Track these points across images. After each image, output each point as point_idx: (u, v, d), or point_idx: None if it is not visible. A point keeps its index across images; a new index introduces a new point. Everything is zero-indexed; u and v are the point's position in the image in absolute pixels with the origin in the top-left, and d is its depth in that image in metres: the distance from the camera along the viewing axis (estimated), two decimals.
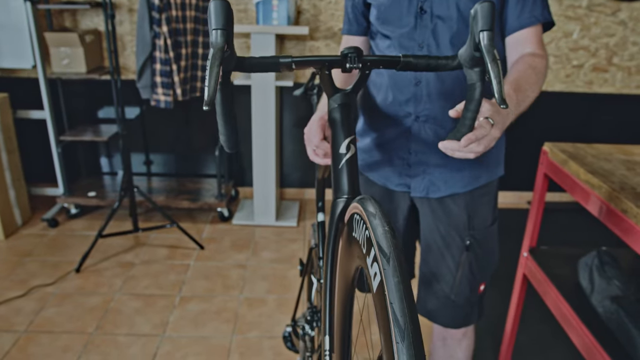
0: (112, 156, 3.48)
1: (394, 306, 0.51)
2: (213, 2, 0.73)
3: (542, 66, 1.09)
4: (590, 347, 1.36)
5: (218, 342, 2.11)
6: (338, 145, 0.87)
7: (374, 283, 0.56)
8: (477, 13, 0.75)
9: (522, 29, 1.12)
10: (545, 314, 2.20)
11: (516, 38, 1.14)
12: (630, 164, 1.50)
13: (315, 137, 1.08)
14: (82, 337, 2.10)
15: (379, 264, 0.55)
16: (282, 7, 2.77)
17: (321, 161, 1.10)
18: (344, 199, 0.84)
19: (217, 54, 0.71)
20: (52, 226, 3.03)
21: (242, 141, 3.39)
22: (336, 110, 0.90)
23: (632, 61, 3.32)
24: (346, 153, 0.86)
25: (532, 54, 1.11)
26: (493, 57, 0.74)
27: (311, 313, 1.50)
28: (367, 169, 1.34)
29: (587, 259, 1.62)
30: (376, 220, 0.61)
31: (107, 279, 2.52)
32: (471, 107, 0.82)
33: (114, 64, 2.54)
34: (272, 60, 0.82)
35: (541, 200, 1.68)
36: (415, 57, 0.86)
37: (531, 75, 1.05)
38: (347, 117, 0.89)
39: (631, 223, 1.20)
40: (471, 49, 0.78)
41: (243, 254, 2.82)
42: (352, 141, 0.87)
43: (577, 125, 3.49)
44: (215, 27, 0.73)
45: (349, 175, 0.85)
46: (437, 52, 1.13)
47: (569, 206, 3.54)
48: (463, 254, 1.29)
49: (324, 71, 0.88)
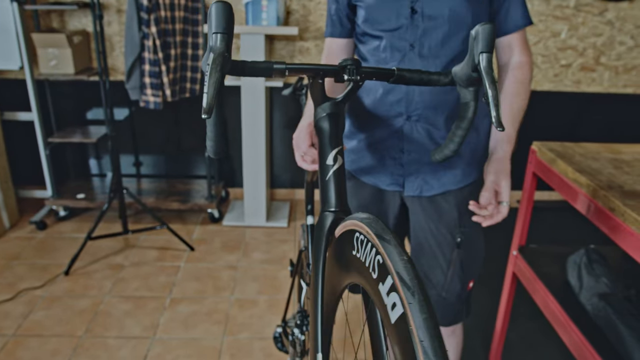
0: (101, 158, 3.46)
1: (424, 344, 0.51)
2: (214, 4, 0.70)
3: (528, 75, 1.16)
4: (579, 344, 1.37)
5: (209, 344, 2.10)
6: (325, 157, 0.85)
7: (392, 314, 0.55)
8: (478, 34, 0.75)
9: (505, 35, 1.18)
10: (535, 312, 2.21)
11: (501, 42, 1.20)
12: (617, 162, 1.52)
13: (304, 143, 1.08)
14: (72, 341, 2.09)
15: (400, 296, 0.54)
16: (271, 7, 2.76)
17: (309, 167, 1.10)
18: (332, 212, 0.83)
19: (218, 59, 0.68)
20: (41, 229, 3.01)
21: (232, 141, 3.38)
22: (324, 119, 0.88)
23: (620, 61, 3.35)
24: (333, 164, 0.84)
25: (519, 65, 1.17)
26: (492, 79, 0.74)
27: (301, 317, 1.50)
28: (357, 171, 1.34)
29: (575, 257, 1.63)
30: (391, 247, 0.59)
31: (97, 282, 2.50)
32: (462, 126, 0.82)
33: (102, 65, 2.52)
34: (265, 65, 0.81)
35: (530, 199, 1.69)
36: (409, 71, 0.87)
37: (521, 92, 1.13)
38: (335, 128, 0.87)
39: (618, 221, 1.21)
40: (469, 69, 0.78)
41: (234, 255, 2.81)
42: (340, 152, 0.86)
43: (565, 124, 3.52)
44: (216, 31, 0.70)
45: (336, 188, 0.83)
46: (428, 52, 1.14)
47: (558, 205, 3.56)
48: (454, 251, 1.29)
49: (316, 80, 0.87)
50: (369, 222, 0.65)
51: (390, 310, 0.55)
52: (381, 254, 0.59)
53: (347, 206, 0.84)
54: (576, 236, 3.11)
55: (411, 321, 0.52)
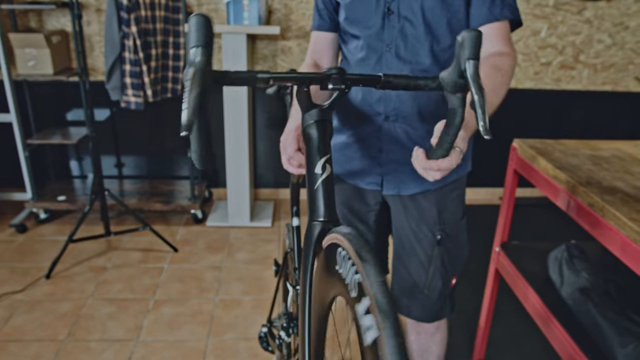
0: (82, 159, 3.41)
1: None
2: (193, 17, 0.69)
3: (508, 65, 1.09)
4: (561, 338, 1.39)
5: (193, 345, 2.08)
6: (313, 165, 0.84)
7: (367, 335, 0.55)
8: (464, 41, 0.75)
9: (483, 25, 1.12)
10: (518, 308, 2.24)
11: None
12: (596, 158, 1.54)
13: (290, 147, 1.07)
14: (54, 345, 2.06)
15: (376, 319, 0.54)
16: (253, 6, 2.75)
17: (295, 171, 1.10)
18: (320, 222, 0.82)
19: (198, 74, 0.67)
20: (21, 232, 2.96)
21: (215, 141, 3.36)
22: (312, 126, 0.86)
23: (598, 58, 3.40)
24: (322, 173, 0.83)
25: (499, 53, 1.11)
26: (479, 86, 0.74)
27: (287, 320, 1.49)
28: (337, 167, 1.34)
29: (556, 253, 1.65)
30: (370, 267, 0.59)
31: (79, 285, 2.47)
32: (450, 132, 0.82)
33: (82, 66, 2.49)
34: (248, 75, 0.79)
35: (511, 196, 1.71)
36: (395, 76, 0.85)
37: (496, 77, 1.05)
38: (323, 135, 0.85)
39: (597, 217, 1.23)
40: (456, 75, 0.78)
41: (218, 256, 2.80)
42: (328, 160, 0.84)
43: (546, 121, 3.56)
44: (196, 44, 0.69)
45: (325, 197, 0.82)
46: (405, 53, 1.14)
47: (539, 201, 3.61)
48: (435, 248, 1.30)
49: (302, 88, 0.86)
50: (350, 238, 0.65)
51: (365, 331, 0.56)
52: (360, 273, 0.60)
53: (336, 215, 0.83)
54: (557, 232, 3.16)
55: (384, 347, 0.52)
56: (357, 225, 1.39)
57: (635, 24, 3.32)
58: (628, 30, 3.34)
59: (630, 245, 1.11)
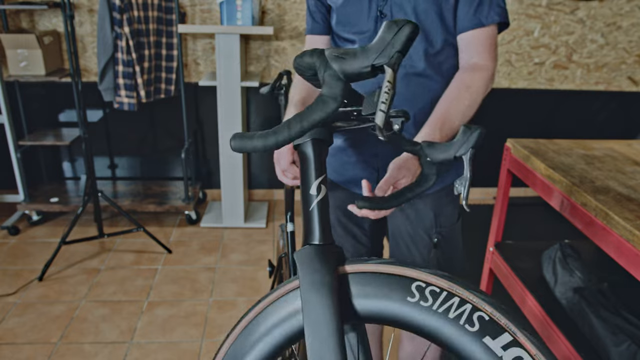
0: (74, 160, 3.40)
1: None
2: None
3: (481, 82, 1.07)
4: (555, 337, 1.39)
5: (188, 347, 2.07)
6: (308, 186, 0.81)
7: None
8: (468, 138, 0.77)
9: (468, 31, 1.11)
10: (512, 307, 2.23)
11: (464, 39, 1.13)
12: (589, 158, 1.54)
13: (284, 159, 1.06)
14: (46, 348, 2.04)
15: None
16: (246, 7, 2.74)
17: (289, 182, 1.08)
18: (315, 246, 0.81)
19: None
20: (13, 234, 2.94)
21: (209, 142, 3.35)
22: (308, 144, 0.81)
23: (591, 58, 3.42)
24: (317, 195, 0.80)
25: (474, 67, 1.09)
26: (470, 169, 0.76)
27: None
28: (332, 173, 1.33)
29: (550, 252, 1.66)
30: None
31: (72, 287, 2.45)
32: (415, 189, 0.83)
33: (74, 66, 2.47)
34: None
35: (505, 195, 1.71)
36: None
37: (464, 98, 1.04)
38: (319, 154, 0.81)
39: (590, 216, 1.23)
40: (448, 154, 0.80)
41: (212, 257, 2.79)
42: (323, 181, 0.81)
43: (539, 121, 3.57)
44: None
45: (320, 220, 0.79)
46: None
47: (533, 201, 3.62)
48: (431, 251, 1.30)
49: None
50: None
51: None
52: None
53: (332, 238, 0.81)
54: (551, 231, 3.16)
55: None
56: (352, 228, 1.38)
57: (627, 23, 3.34)
58: (620, 30, 3.35)
59: (623, 244, 1.11)
